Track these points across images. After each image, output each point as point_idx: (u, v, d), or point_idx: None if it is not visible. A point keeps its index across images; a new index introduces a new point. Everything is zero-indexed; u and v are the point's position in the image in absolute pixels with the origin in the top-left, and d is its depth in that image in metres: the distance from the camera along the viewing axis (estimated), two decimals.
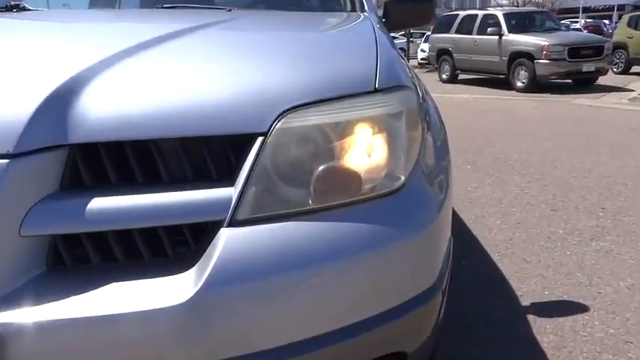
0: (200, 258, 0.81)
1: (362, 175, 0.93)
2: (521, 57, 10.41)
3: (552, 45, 10.01)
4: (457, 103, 8.97)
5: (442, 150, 1.25)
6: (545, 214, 3.35)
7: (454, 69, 12.66)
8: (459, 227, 3.12)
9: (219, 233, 0.82)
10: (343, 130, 0.92)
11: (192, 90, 0.87)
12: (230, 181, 0.85)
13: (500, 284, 2.41)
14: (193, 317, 0.75)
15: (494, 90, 10.73)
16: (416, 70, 2.50)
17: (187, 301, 0.75)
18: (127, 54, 0.93)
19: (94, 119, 0.81)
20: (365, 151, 0.94)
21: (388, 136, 0.97)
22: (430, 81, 12.18)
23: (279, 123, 0.87)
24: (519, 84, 10.48)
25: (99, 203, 0.80)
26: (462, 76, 12.84)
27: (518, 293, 2.31)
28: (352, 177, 0.92)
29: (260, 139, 0.86)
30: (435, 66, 13.66)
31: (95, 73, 0.86)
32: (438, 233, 1.02)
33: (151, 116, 0.83)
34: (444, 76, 13.07)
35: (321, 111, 0.91)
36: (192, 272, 0.79)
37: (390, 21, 2.08)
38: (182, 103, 0.85)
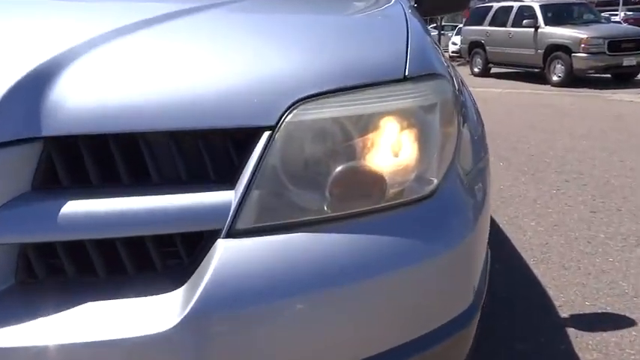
0: (192, 275, 0.68)
1: (387, 177, 0.79)
2: (558, 50, 10.04)
3: (591, 38, 9.61)
4: (489, 97, 8.68)
5: (480, 148, 1.10)
6: (585, 216, 3.14)
7: (487, 62, 12.32)
8: (491, 228, 2.94)
9: (215, 245, 0.69)
10: (366, 124, 0.79)
11: (188, 75, 0.75)
12: (230, 184, 0.72)
13: (536, 292, 2.23)
14: (177, 350, 0.63)
15: (528, 84, 10.38)
16: None
17: (170, 329, 0.62)
18: (117, 34, 0.81)
19: (73, 108, 0.70)
20: (391, 150, 0.80)
21: (419, 131, 0.82)
22: (461, 74, 11.87)
23: (291, 115, 0.74)
24: (555, 78, 10.11)
25: (77, 207, 0.68)
26: (494, 70, 12.48)
27: (556, 303, 2.13)
28: (376, 180, 0.78)
29: (267, 134, 0.73)
30: (467, 59, 13.32)
31: (77, 54, 0.74)
32: (476, 246, 0.87)
33: (139, 105, 0.71)
34: (475, 70, 12.73)
35: (341, 102, 0.77)
36: (180, 292, 0.67)
37: (423, 6, 1.92)
38: (176, 90, 0.72)
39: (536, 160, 4.44)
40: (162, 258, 0.71)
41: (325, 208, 0.76)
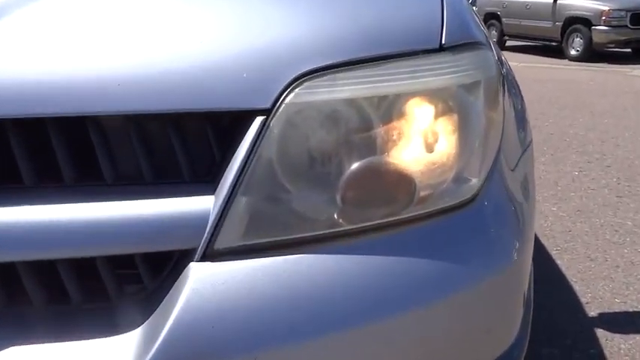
0: (155, 309, 0.50)
1: (418, 178, 0.60)
2: (577, 23, 9.68)
3: (613, 10, 9.24)
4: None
5: (525, 134, 0.91)
6: (610, 200, 2.94)
7: (502, 35, 11.93)
8: None
9: (186, 271, 0.51)
10: (391, 107, 0.60)
11: (155, 40, 0.56)
12: (210, 186, 0.54)
13: (560, 287, 2.06)
14: None
15: (545, 58, 10.03)
16: None
17: None
18: None
19: None
20: (423, 141, 0.62)
21: (459, 118, 0.64)
22: None
23: (292, 94, 0.55)
24: (573, 52, 9.77)
25: (2, 217, 0.50)
26: (509, 43, 12.10)
27: (582, 300, 1.96)
28: (403, 181, 0.60)
29: (260, 120, 0.54)
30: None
31: (5, 10, 0.55)
32: (525, 264, 0.69)
33: (89, 80, 0.52)
34: None
35: (358, 77, 0.58)
36: (137, 334, 0.49)
37: None
38: (139, 59, 0.54)
39: (556, 139, 4.22)
40: (117, 283, 0.54)
41: (336, 218, 0.58)
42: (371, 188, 0.59)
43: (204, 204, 0.53)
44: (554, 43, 10.43)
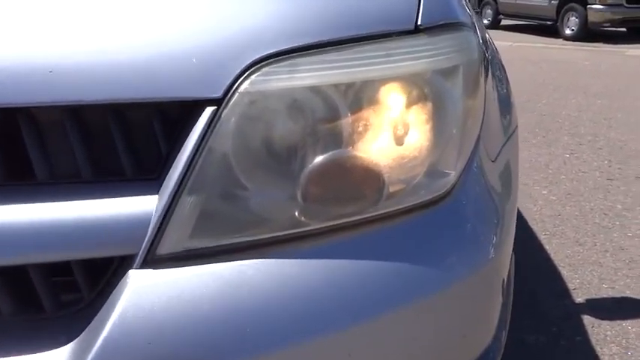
0: (91, 322, 0.46)
1: (387, 172, 0.55)
2: (573, 1, 9.57)
3: None
4: (499, 51, 8.29)
5: (509, 121, 0.86)
6: (600, 183, 2.91)
7: (497, 13, 11.83)
8: None
9: (124, 279, 0.46)
10: (359, 95, 0.55)
11: (90, 22, 0.50)
12: (155, 185, 0.49)
13: (548, 272, 2.03)
14: None
15: (540, 38, 9.96)
16: None
17: None
18: None
19: None
20: (394, 132, 0.56)
21: (435, 106, 0.58)
22: None
23: (247, 82, 0.50)
24: (568, 31, 9.68)
25: None
26: (504, 22, 12.00)
27: (570, 285, 1.94)
28: (371, 176, 0.55)
29: (210, 110, 0.49)
30: (477, 10, 12.76)
31: None
32: (503, 261, 0.65)
33: (16, 67, 0.47)
34: (485, 22, 12.21)
35: (322, 63, 0.53)
36: (67, 351, 0.44)
37: None
38: (75, 43, 0.48)
39: (548, 121, 4.18)
40: (52, 293, 0.49)
41: (298, 218, 0.53)
42: (335, 184, 0.54)
43: (146, 204, 0.47)
44: (549, 22, 10.34)
